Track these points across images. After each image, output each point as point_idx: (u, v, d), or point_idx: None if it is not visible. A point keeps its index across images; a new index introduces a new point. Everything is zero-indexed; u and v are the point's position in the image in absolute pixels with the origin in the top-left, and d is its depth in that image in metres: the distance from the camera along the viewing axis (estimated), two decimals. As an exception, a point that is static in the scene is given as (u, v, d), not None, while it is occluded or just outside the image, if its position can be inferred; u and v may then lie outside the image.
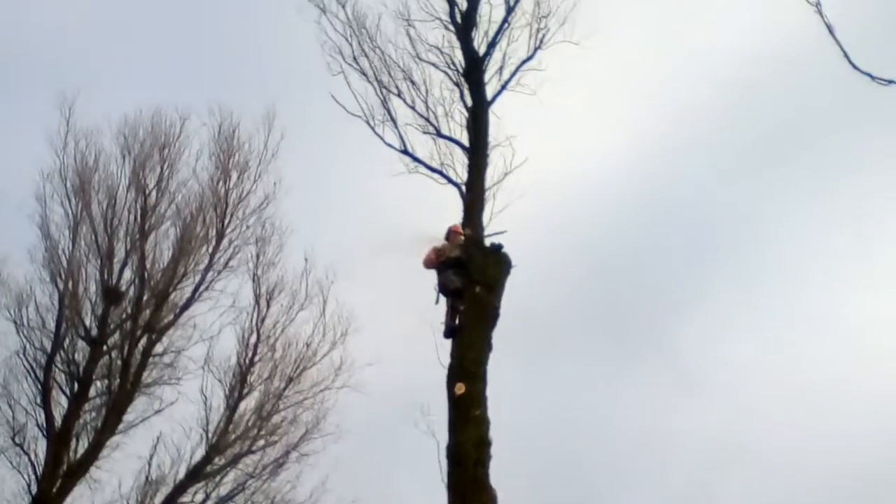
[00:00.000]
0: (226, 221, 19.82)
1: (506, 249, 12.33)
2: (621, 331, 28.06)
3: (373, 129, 14.25)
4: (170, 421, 18.24)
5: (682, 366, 28.15)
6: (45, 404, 17.66)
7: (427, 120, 14.28)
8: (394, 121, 14.20)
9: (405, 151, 14.03)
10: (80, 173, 19.45)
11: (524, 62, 14.45)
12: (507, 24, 14.54)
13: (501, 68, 14.34)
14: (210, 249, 19.51)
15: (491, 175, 13.40)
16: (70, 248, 18.80)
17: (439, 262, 12.43)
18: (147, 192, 19.45)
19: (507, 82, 14.32)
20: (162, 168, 19.79)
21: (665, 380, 28.20)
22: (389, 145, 14.12)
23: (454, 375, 11.24)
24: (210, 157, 20.27)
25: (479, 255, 12.20)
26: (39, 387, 17.77)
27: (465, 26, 14.52)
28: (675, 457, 26.40)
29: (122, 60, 34.05)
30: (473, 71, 14.28)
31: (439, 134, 14.12)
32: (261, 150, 20.38)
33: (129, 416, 18.06)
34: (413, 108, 14.42)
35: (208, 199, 19.95)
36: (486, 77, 14.29)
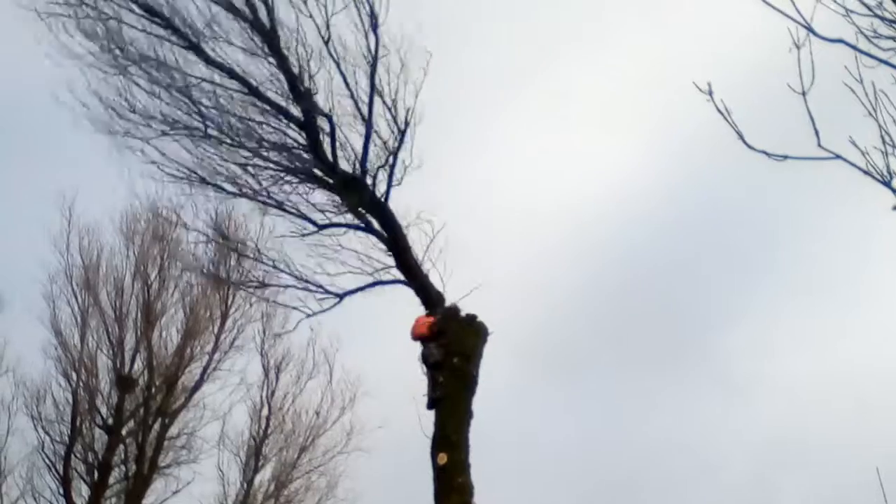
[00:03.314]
0: (228, 302, 20.48)
1: (480, 318, 12.83)
2: (667, 346, 28.30)
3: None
4: (189, 499, 18.90)
5: (731, 374, 28.47)
6: (67, 495, 18.36)
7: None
8: None
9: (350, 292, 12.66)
10: (85, 269, 20.20)
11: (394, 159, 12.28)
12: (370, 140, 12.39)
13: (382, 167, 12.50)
14: (215, 331, 20.21)
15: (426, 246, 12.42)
16: (80, 342, 19.55)
17: (431, 334, 12.82)
18: (149, 282, 20.18)
19: (388, 189, 12.43)
20: (163, 257, 20.49)
21: (715, 388, 28.52)
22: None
23: (437, 445, 11.77)
24: (209, 241, 20.89)
25: (456, 325, 12.72)
26: (60, 479, 18.45)
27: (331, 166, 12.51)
28: (732, 460, 26.59)
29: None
30: (353, 190, 12.43)
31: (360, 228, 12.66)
32: (258, 229, 20.91)
33: (148, 500, 18.73)
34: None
35: (210, 282, 20.59)
36: (371, 181, 12.47)
